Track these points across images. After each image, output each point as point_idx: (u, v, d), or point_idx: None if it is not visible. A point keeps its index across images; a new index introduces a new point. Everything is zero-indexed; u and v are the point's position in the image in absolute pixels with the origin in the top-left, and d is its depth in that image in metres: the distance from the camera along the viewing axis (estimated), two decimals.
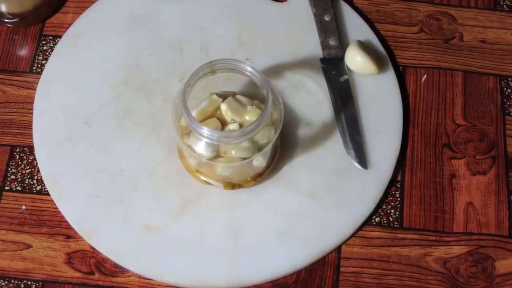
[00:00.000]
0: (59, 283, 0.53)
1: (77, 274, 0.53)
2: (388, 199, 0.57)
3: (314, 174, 0.56)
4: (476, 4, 0.66)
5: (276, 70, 0.59)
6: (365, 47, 0.60)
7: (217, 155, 0.50)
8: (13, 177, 0.57)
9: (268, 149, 0.51)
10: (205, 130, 0.47)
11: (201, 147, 0.49)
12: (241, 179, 0.54)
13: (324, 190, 0.55)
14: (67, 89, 0.59)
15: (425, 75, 0.62)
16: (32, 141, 0.58)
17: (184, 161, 0.55)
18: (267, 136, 0.50)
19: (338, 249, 0.55)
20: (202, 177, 0.54)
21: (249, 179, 0.54)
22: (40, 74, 0.61)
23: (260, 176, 0.54)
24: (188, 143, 0.50)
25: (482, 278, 0.54)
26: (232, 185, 0.54)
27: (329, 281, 0.53)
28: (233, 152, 0.49)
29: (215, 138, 0.48)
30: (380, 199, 0.56)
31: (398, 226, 0.56)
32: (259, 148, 0.50)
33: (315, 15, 0.62)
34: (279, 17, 0.62)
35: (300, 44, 0.61)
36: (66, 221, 0.55)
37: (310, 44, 0.61)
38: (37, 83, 0.60)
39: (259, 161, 0.52)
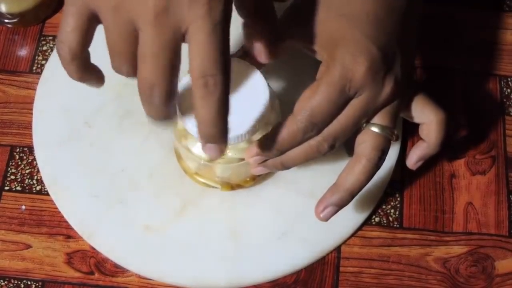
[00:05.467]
0: (59, 283, 0.53)
1: (77, 274, 0.53)
2: (388, 199, 0.57)
3: (314, 174, 0.56)
4: (476, 4, 0.66)
5: (275, 70, 0.59)
6: None
7: None
8: (13, 177, 0.57)
9: None
10: None
11: (199, 149, 0.49)
12: (240, 179, 0.54)
13: (324, 190, 0.55)
14: (67, 89, 0.59)
15: (425, 75, 0.62)
16: (32, 141, 0.58)
17: (182, 164, 0.55)
18: None
19: (338, 249, 0.55)
20: (200, 179, 0.54)
21: (248, 179, 0.54)
22: (40, 74, 0.61)
23: (259, 176, 0.54)
24: (186, 145, 0.50)
25: (482, 278, 0.54)
26: (231, 186, 0.54)
27: (329, 281, 0.54)
28: (230, 153, 0.49)
29: None
30: (380, 199, 0.56)
31: (398, 226, 0.56)
32: None
33: None
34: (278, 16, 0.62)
35: None
36: (66, 221, 0.55)
37: None
38: (37, 83, 0.60)
39: None
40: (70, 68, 0.41)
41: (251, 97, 0.46)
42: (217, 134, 0.40)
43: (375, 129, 0.45)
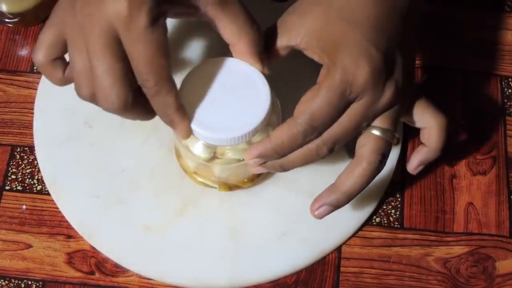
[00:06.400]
0: (60, 283, 0.53)
1: (78, 274, 0.53)
2: (389, 199, 0.57)
3: (314, 174, 0.56)
4: (476, 4, 0.66)
5: (275, 70, 0.59)
6: None
7: (214, 157, 0.50)
8: (13, 177, 0.57)
9: None
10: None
11: (198, 149, 0.49)
12: (238, 180, 0.54)
13: None
14: (68, 89, 0.58)
15: (425, 75, 0.62)
16: (33, 141, 0.58)
17: (182, 162, 0.55)
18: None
19: (338, 249, 0.55)
20: (199, 179, 0.54)
21: (246, 180, 0.54)
22: (41, 74, 0.61)
23: (258, 177, 0.54)
24: (186, 144, 0.50)
25: (483, 278, 0.54)
26: (228, 187, 0.54)
27: (330, 281, 0.53)
28: (230, 154, 0.49)
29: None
30: (380, 199, 0.56)
31: (398, 226, 0.56)
32: None
33: None
34: (279, 17, 0.62)
35: None
36: (67, 221, 0.55)
37: None
38: (38, 83, 0.60)
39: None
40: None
41: (252, 98, 0.46)
42: (172, 122, 0.43)
43: (376, 132, 0.45)
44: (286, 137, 0.44)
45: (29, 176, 0.57)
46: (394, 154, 0.57)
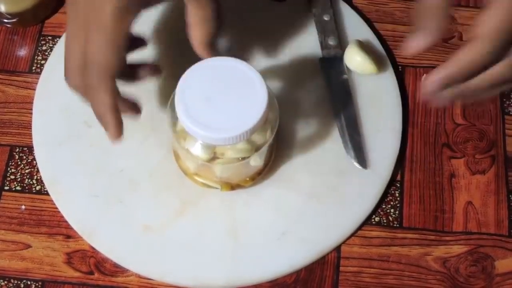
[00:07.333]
0: (59, 283, 0.53)
1: (77, 274, 0.53)
2: (388, 199, 0.57)
3: (313, 174, 0.56)
4: (475, 4, 0.66)
5: (274, 70, 0.60)
6: (364, 46, 0.60)
7: (214, 157, 0.50)
8: (12, 177, 0.57)
9: (264, 149, 0.51)
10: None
11: (198, 150, 0.49)
12: (240, 179, 0.54)
13: (324, 190, 0.55)
14: (67, 89, 0.58)
15: (424, 75, 0.62)
16: (32, 141, 0.58)
17: (181, 164, 0.55)
18: (264, 136, 0.50)
19: (337, 248, 0.55)
20: (200, 180, 0.54)
21: (247, 179, 0.54)
22: (40, 74, 0.61)
23: (258, 175, 0.54)
24: (186, 147, 0.50)
25: (482, 277, 0.54)
26: (230, 186, 0.54)
27: (329, 281, 0.53)
28: (230, 153, 0.49)
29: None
30: (379, 198, 0.56)
31: (397, 225, 0.56)
32: (256, 148, 0.50)
33: (314, 14, 0.62)
34: (278, 17, 0.62)
35: (299, 44, 0.61)
36: (66, 221, 0.55)
37: (309, 44, 0.61)
38: (37, 83, 0.60)
39: (256, 161, 0.52)
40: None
41: (249, 96, 0.46)
42: (106, 125, 0.48)
43: None
44: (473, 56, 0.41)
45: (28, 176, 0.57)
46: (393, 153, 0.57)
